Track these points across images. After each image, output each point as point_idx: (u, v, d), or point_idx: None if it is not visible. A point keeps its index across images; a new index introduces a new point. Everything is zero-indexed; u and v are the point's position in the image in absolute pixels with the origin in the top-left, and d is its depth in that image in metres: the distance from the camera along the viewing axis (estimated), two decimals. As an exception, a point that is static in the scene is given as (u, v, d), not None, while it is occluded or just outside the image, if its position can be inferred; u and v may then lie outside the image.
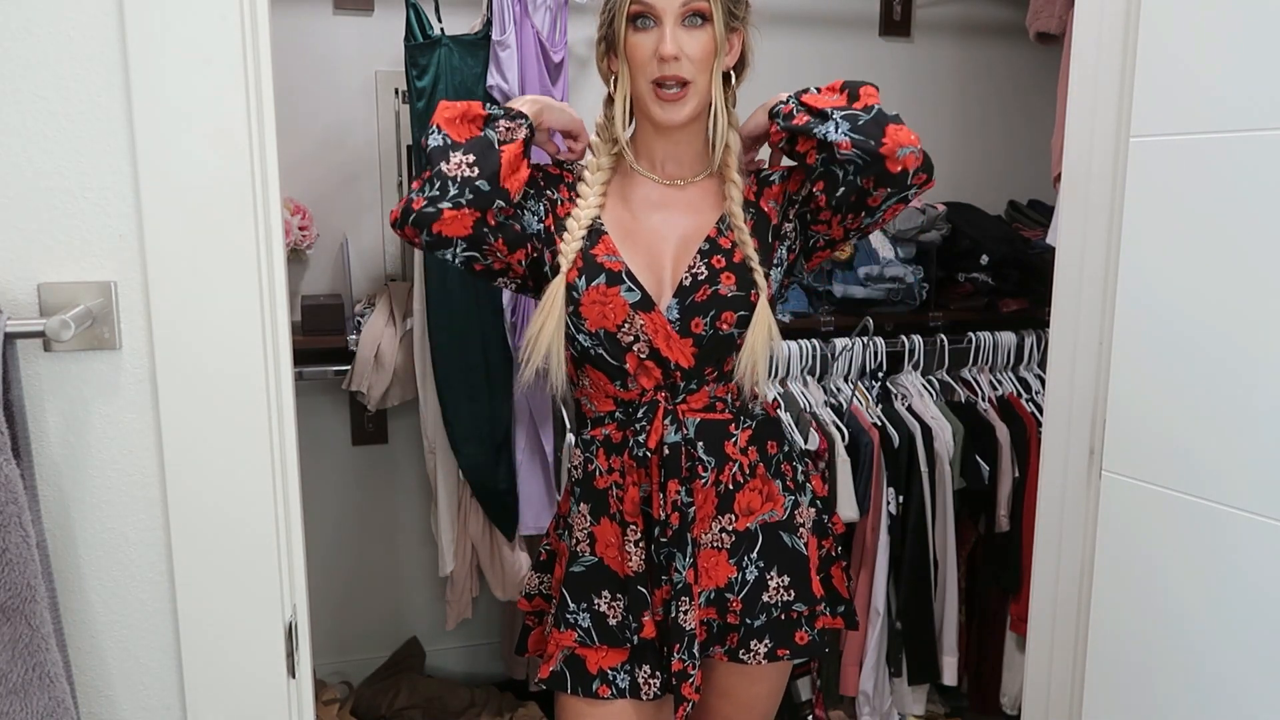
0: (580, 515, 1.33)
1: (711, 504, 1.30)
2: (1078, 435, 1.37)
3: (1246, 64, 1.11)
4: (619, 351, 1.26)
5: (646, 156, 1.33)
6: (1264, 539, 1.12)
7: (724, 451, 1.30)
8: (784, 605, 1.33)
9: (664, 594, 1.28)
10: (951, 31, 2.68)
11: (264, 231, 0.97)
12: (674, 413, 1.27)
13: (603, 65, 1.31)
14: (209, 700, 1.01)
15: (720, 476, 1.30)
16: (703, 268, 1.28)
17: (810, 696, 2.35)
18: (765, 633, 1.32)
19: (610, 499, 1.30)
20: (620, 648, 1.30)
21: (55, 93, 0.90)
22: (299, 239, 2.17)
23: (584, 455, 1.34)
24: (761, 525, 1.33)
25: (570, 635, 1.31)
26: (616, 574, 1.30)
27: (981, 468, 2.30)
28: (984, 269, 2.40)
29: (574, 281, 1.27)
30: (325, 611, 2.41)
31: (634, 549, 1.28)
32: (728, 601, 1.31)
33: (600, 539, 1.31)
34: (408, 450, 2.48)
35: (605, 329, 1.26)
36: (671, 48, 1.20)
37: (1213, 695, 1.19)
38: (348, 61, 2.28)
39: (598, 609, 1.31)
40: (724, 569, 1.31)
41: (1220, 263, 1.15)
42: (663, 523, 1.26)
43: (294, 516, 1.03)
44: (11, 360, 0.87)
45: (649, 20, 1.22)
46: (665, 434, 1.26)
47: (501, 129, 1.24)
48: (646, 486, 1.27)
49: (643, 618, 1.28)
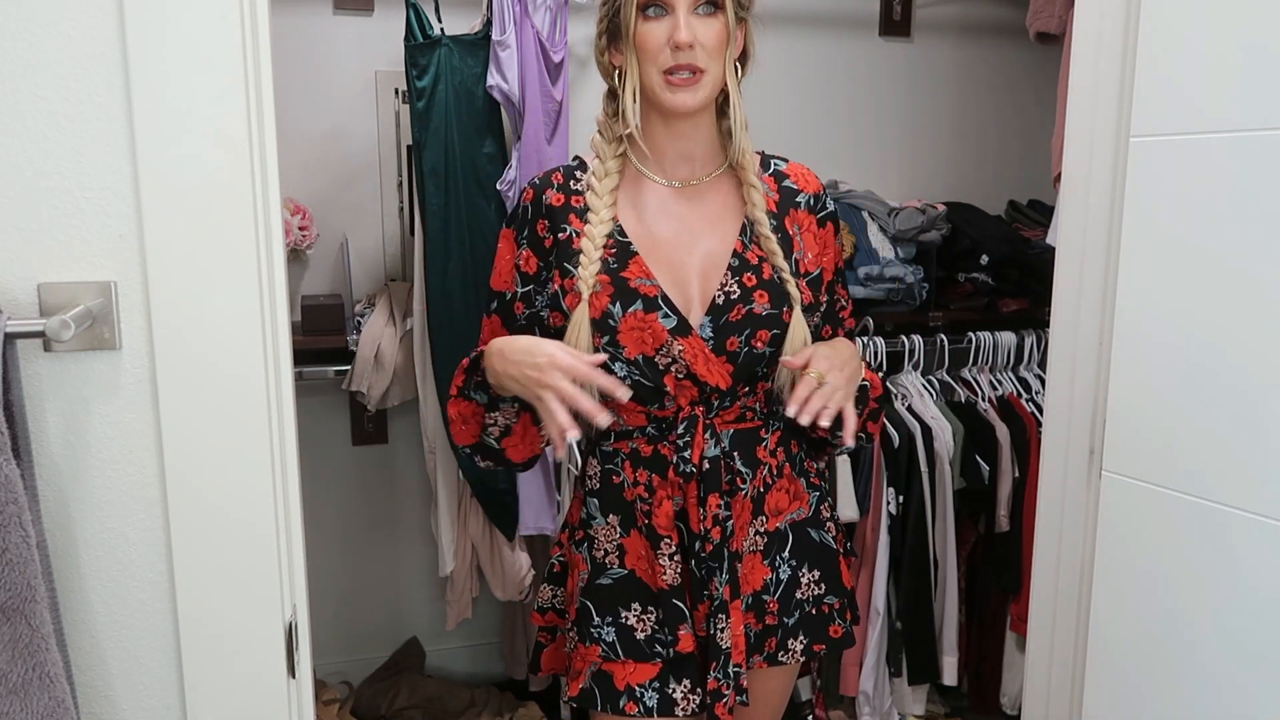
0: (609, 527, 1.29)
1: (747, 512, 1.28)
2: (1078, 435, 1.37)
3: (1246, 64, 1.11)
4: (657, 375, 1.21)
5: (656, 157, 1.26)
6: (1264, 539, 1.12)
7: (756, 457, 1.28)
8: (815, 600, 1.32)
9: (705, 609, 1.24)
10: (951, 31, 2.68)
11: (264, 231, 0.97)
12: (711, 426, 1.24)
13: (603, 60, 1.26)
14: (209, 700, 1.01)
15: (753, 483, 1.27)
16: (735, 286, 1.23)
17: (810, 696, 2.35)
18: (799, 629, 1.31)
19: (638, 512, 1.27)
20: (649, 662, 1.25)
21: (55, 93, 0.90)
22: (299, 239, 2.17)
23: (604, 467, 1.30)
24: (791, 524, 1.32)
25: (595, 650, 1.27)
26: (649, 587, 1.26)
27: (981, 468, 2.30)
28: (984, 269, 2.40)
29: (608, 309, 1.21)
30: (325, 611, 2.41)
31: (669, 562, 1.25)
32: (765, 604, 1.29)
33: (631, 551, 1.27)
34: (408, 450, 2.48)
35: (644, 354, 1.21)
36: (687, 34, 1.15)
37: (1212, 694, 1.19)
38: (348, 61, 2.28)
39: (625, 622, 1.26)
40: (759, 571, 1.29)
41: (1220, 263, 1.15)
42: (703, 536, 1.23)
43: (294, 516, 1.03)
44: (11, 360, 0.87)
45: (660, 9, 1.17)
46: (705, 449, 1.23)
47: (495, 425, 1.25)
48: (680, 500, 1.24)
49: (679, 631, 1.24)
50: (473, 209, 2.06)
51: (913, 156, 2.71)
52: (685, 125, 1.24)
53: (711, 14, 1.18)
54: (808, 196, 1.32)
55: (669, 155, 1.26)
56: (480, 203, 2.06)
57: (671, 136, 1.25)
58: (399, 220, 2.37)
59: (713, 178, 1.28)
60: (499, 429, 1.25)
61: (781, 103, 2.58)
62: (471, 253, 2.06)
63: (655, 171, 1.27)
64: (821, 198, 1.33)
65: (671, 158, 1.27)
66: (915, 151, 2.71)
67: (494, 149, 2.07)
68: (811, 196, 1.32)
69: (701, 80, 1.18)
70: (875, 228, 2.42)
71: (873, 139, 2.67)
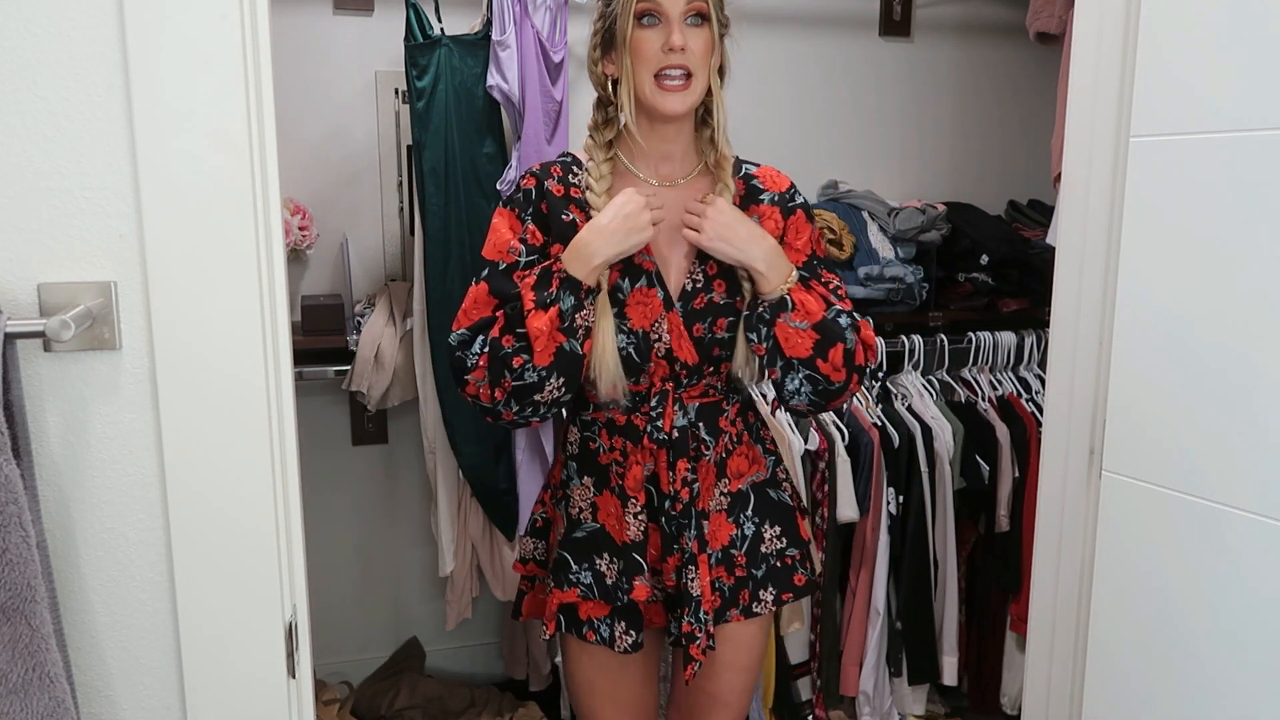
0: (583, 487, 1.44)
1: (712, 475, 1.43)
2: (1078, 435, 1.37)
3: (1246, 64, 1.11)
4: (647, 349, 1.36)
5: (641, 156, 1.41)
6: (1263, 539, 1.12)
7: (719, 426, 1.43)
8: (779, 553, 1.48)
9: (675, 561, 1.39)
10: (951, 31, 2.68)
11: (264, 231, 0.97)
12: (680, 400, 1.40)
13: (596, 70, 1.38)
14: (209, 700, 1.01)
15: (716, 449, 1.43)
16: (700, 274, 1.38)
17: (810, 696, 2.35)
18: (768, 581, 1.47)
19: (611, 474, 1.42)
20: (608, 604, 1.42)
21: (55, 93, 0.90)
22: (299, 239, 2.17)
23: (582, 434, 1.44)
24: (751, 485, 1.47)
25: (574, 592, 1.44)
26: (615, 540, 1.42)
27: (981, 468, 2.30)
28: (984, 269, 2.40)
29: (619, 283, 1.36)
30: (325, 611, 2.41)
31: (634, 520, 1.40)
32: (734, 558, 1.44)
33: (602, 509, 1.43)
34: (408, 450, 2.48)
35: (643, 328, 1.35)
36: (680, 39, 1.29)
37: (1211, 694, 1.20)
38: (348, 61, 2.28)
39: (598, 568, 1.43)
40: (725, 528, 1.45)
41: (1220, 263, 1.15)
42: (673, 497, 1.38)
43: (294, 516, 1.03)
44: (11, 360, 0.87)
45: (655, 18, 1.30)
46: (675, 419, 1.39)
47: (579, 326, 1.31)
48: (651, 465, 1.39)
49: (635, 580, 1.40)
50: (473, 209, 2.06)
51: (913, 156, 2.71)
52: (670, 129, 1.38)
53: (699, 25, 1.32)
54: (772, 194, 1.45)
55: (653, 156, 1.41)
56: (480, 203, 2.06)
57: (656, 138, 1.39)
58: (399, 220, 2.37)
59: (690, 178, 1.42)
60: (583, 329, 1.31)
61: (782, 103, 2.58)
62: (471, 253, 2.06)
63: (641, 169, 1.41)
64: (788, 194, 1.45)
65: (655, 158, 1.41)
66: (915, 151, 2.71)
67: (494, 149, 2.08)
68: (777, 194, 1.45)
69: (691, 86, 1.32)
70: (875, 228, 2.42)
71: (873, 139, 2.67)
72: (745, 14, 2.52)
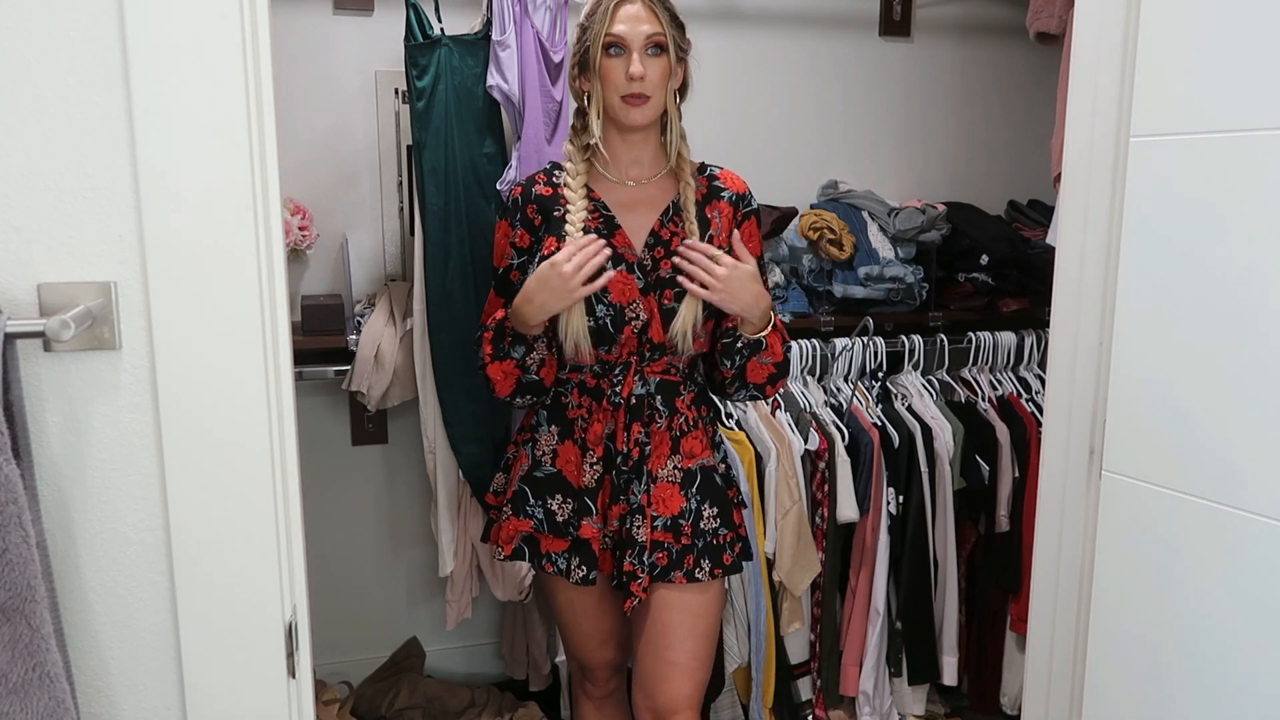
0: (549, 434, 1.66)
1: (666, 445, 1.64)
2: (1078, 435, 1.37)
3: (1246, 64, 1.11)
4: (621, 324, 1.57)
5: (614, 161, 1.63)
6: (1264, 539, 1.12)
7: (675, 405, 1.65)
8: (714, 532, 1.66)
9: (621, 509, 1.61)
10: (951, 31, 2.68)
11: (264, 231, 0.97)
12: (641, 372, 1.62)
13: (575, 85, 1.61)
14: (209, 700, 1.01)
15: (672, 424, 1.64)
16: (648, 256, 1.60)
17: (810, 696, 2.35)
18: (705, 555, 1.64)
19: (576, 428, 1.64)
20: (562, 539, 1.64)
21: (55, 93, 0.90)
22: (299, 239, 2.17)
23: (556, 389, 1.66)
24: (700, 467, 1.66)
25: (528, 524, 1.66)
26: (571, 484, 1.64)
27: (981, 468, 2.30)
28: (984, 269, 2.40)
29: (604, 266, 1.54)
30: (325, 611, 2.41)
31: (589, 469, 1.62)
32: (681, 527, 1.63)
33: (562, 455, 1.65)
34: (408, 450, 2.48)
35: (621, 304, 1.56)
36: (639, 69, 1.52)
37: (1213, 694, 1.20)
38: (348, 61, 2.28)
39: (550, 507, 1.64)
40: (677, 500, 1.63)
41: (1220, 262, 1.15)
42: (624, 454, 1.60)
43: (294, 516, 1.03)
44: (11, 360, 0.87)
45: (619, 49, 1.53)
46: (634, 387, 1.61)
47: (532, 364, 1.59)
48: (611, 425, 1.61)
49: (583, 521, 1.62)
50: (473, 209, 2.06)
51: (913, 156, 2.71)
52: (636, 137, 1.61)
53: (657, 55, 1.55)
54: (731, 194, 1.66)
55: (623, 160, 1.63)
56: (480, 203, 2.06)
57: (625, 145, 1.62)
58: (399, 220, 2.37)
59: (657, 178, 1.64)
60: (536, 363, 1.60)
61: (782, 102, 2.59)
62: (471, 253, 2.06)
63: (613, 173, 1.64)
64: (745, 198, 1.68)
65: (625, 162, 1.63)
66: (915, 151, 2.71)
67: (494, 149, 2.07)
68: (735, 194, 1.66)
69: (650, 103, 1.55)
70: (875, 228, 2.42)
71: (873, 139, 2.67)
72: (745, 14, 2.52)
